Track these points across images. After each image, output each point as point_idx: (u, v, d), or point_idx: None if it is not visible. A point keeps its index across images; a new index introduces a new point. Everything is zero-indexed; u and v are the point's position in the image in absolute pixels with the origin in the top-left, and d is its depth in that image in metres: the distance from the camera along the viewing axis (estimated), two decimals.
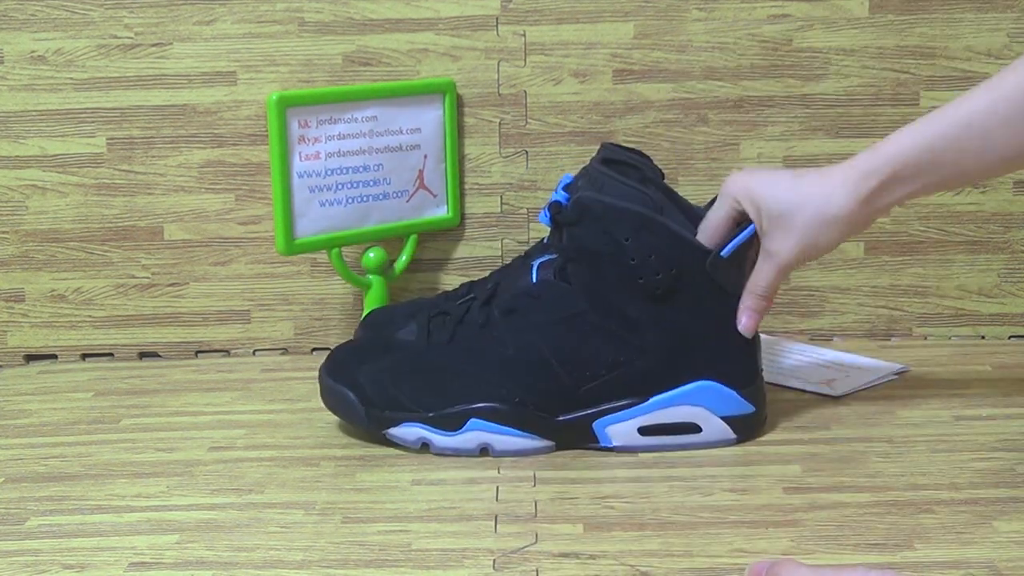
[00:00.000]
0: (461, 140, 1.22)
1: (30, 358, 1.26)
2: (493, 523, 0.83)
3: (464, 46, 1.21)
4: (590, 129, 1.21)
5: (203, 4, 1.20)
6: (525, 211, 1.23)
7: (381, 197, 1.17)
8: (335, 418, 1.04)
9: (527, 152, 1.22)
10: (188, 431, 1.03)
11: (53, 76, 1.21)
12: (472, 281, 1.07)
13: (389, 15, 1.20)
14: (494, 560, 0.77)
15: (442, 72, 1.21)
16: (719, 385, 0.95)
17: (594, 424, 0.95)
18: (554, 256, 0.98)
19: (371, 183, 1.16)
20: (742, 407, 0.96)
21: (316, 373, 1.02)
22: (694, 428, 0.95)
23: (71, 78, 1.21)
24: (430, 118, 1.19)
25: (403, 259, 1.21)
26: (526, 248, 1.22)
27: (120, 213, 1.23)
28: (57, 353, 1.25)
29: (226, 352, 1.25)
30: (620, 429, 0.95)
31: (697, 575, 0.75)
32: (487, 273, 1.24)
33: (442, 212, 1.22)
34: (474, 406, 0.95)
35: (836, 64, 1.20)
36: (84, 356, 1.25)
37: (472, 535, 0.81)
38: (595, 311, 0.95)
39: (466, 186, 1.23)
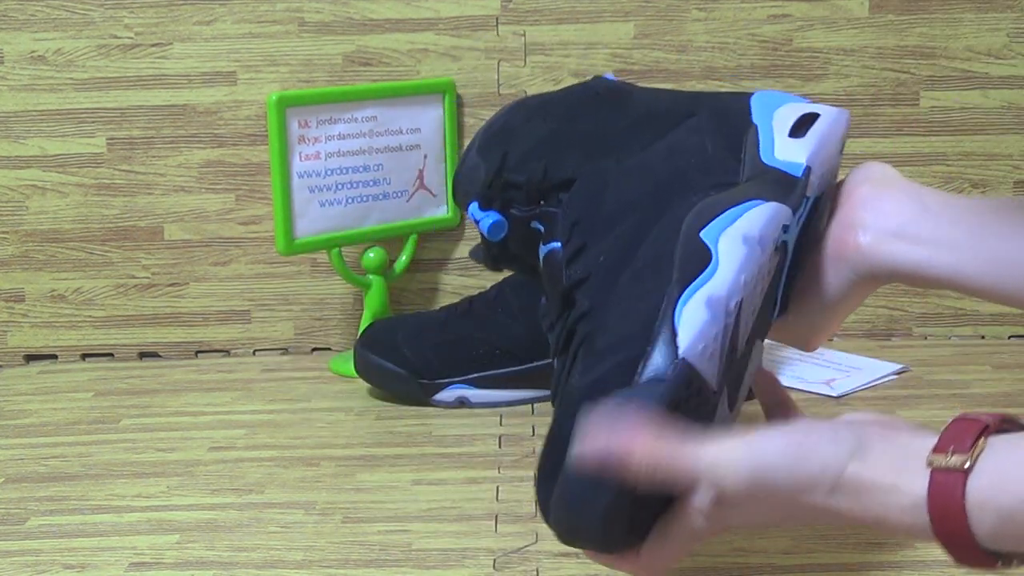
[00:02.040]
0: (461, 140, 1.22)
1: (30, 358, 1.26)
2: (493, 523, 0.83)
3: (464, 46, 1.21)
4: None
5: (203, 4, 1.20)
6: None
7: (381, 197, 1.17)
8: (335, 418, 1.04)
9: None
10: (188, 431, 1.03)
11: (53, 76, 1.21)
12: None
13: (389, 15, 1.20)
14: (494, 560, 0.77)
15: (442, 72, 1.21)
16: None
17: None
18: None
19: (371, 183, 1.16)
20: None
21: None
22: None
23: (71, 78, 1.21)
24: (430, 118, 1.19)
25: (403, 259, 1.21)
26: None
27: (120, 213, 1.23)
28: (57, 353, 1.25)
29: (226, 352, 1.25)
30: None
31: (697, 575, 0.75)
32: (486, 272, 1.25)
33: (442, 212, 1.22)
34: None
35: (836, 64, 1.20)
36: (84, 356, 1.25)
37: (472, 535, 0.81)
38: None
39: None
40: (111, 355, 1.25)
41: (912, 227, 0.70)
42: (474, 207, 0.74)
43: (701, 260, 0.64)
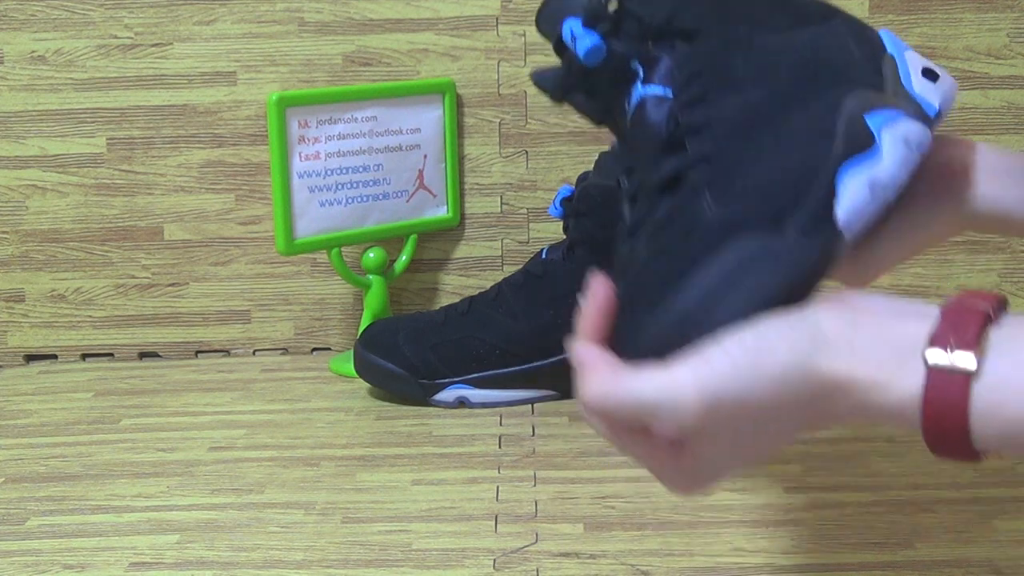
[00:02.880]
0: (461, 140, 1.22)
1: (30, 358, 1.26)
2: (493, 523, 0.83)
3: (464, 46, 1.21)
4: (590, 129, 1.21)
5: (203, 4, 1.20)
6: (525, 211, 1.23)
7: (381, 197, 1.17)
8: (335, 418, 1.04)
9: (527, 152, 1.22)
10: (188, 431, 1.03)
11: (53, 76, 1.21)
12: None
13: (389, 15, 1.20)
14: (494, 560, 0.77)
15: (442, 72, 1.21)
16: None
17: None
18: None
19: (371, 183, 1.16)
20: None
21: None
22: None
23: (71, 78, 1.21)
24: (430, 118, 1.19)
25: (403, 259, 1.21)
26: (526, 248, 1.23)
27: (120, 213, 1.23)
28: (57, 353, 1.25)
29: (226, 352, 1.25)
30: None
31: (697, 575, 0.75)
32: (486, 272, 1.25)
33: (442, 212, 1.22)
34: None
35: None
36: (84, 356, 1.25)
37: (472, 535, 0.81)
38: None
39: (466, 186, 1.23)
40: (111, 355, 1.25)
41: (1015, 171, 0.69)
42: (575, 23, 0.68)
43: (866, 142, 0.61)
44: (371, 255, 1.17)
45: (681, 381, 0.53)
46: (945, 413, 0.50)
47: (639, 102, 0.67)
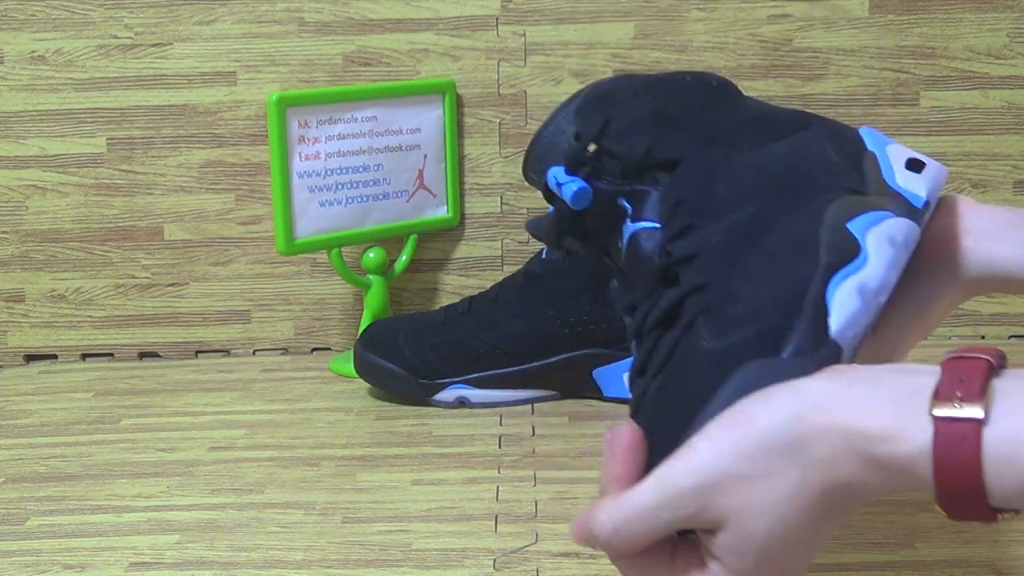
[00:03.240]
0: (461, 140, 1.22)
1: (30, 358, 1.26)
2: (493, 523, 0.83)
3: (464, 46, 1.21)
4: None
5: (203, 4, 1.20)
6: (525, 211, 1.23)
7: (381, 197, 1.17)
8: (335, 418, 1.04)
9: None
10: (188, 431, 1.03)
11: (53, 76, 1.21)
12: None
13: (389, 15, 1.20)
14: (494, 560, 0.77)
15: (442, 72, 1.21)
16: None
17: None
18: None
19: (371, 183, 1.16)
20: None
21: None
22: None
23: (71, 78, 1.21)
24: (430, 118, 1.19)
25: (403, 259, 1.21)
26: (526, 248, 1.23)
27: (120, 213, 1.23)
28: (57, 353, 1.25)
29: (226, 352, 1.25)
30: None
31: None
32: (486, 272, 1.25)
33: (442, 212, 1.22)
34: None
35: (836, 64, 1.20)
36: (84, 356, 1.25)
37: (472, 535, 0.81)
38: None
39: (466, 186, 1.23)
40: (111, 355, 1.25)
41: (1011, 230, 0.69)
42: (558, 171, 0.70)
43: (851, 250, 0.62)
44: (371, 255, 1.17)
45: (673, 473, 0.53)
46: (958, 466, 0.48)
47: (631, 237, 0.69)
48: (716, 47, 1.20)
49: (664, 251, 0.66)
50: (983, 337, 1.22)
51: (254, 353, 1.25)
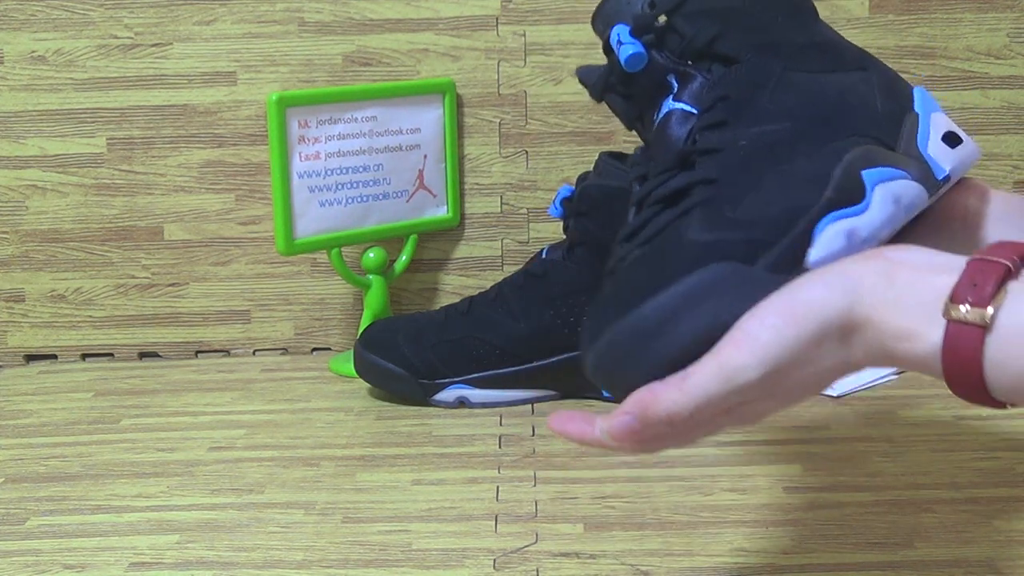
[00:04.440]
0: (461, 140, 1.22)
1: (30, 358, 1.26)
2: (493, 523, 0.83)
3: (464, 46, 1.21)
4: (590, 129, 1.21)
5: (203, 4, 1.20)
6: (525, 211, 1.23)
7: (381, 197, 1.17)
8: (335, 418, 1.04)
9: (527, 152, 1.22)
10: (188, 431, 1.03)
11: (53, 76, 1.21)
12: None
13: (389, 15, 1.20)
14: (494, 560, 0.77)
15: (442, 72, 1.21)
16: None
17: None
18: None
19: (371, 183, 1.16)
20: None
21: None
22: None
23: (71, 78, 1.21)
24: (430, 118, 1.19)
25: (403, 259, 1.21)
26: (526, 248, 1.23)
27: (120, 213, 1.23)
28: (57, 353, 1.25)
29: (226, 352, 1.25)
30: None
31: (697, 575, 0.75)
32: (486, 272, 1.25)
33: (442, 212, 1.22)
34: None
35: None
36: (84, 356, 1.25)
37: (472, 535, 0.81)
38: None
39: (466, 186, 1.23)
40: (111, 355, 1.25)
41: (1021, 218, 0.71)
42: (623, 29, 0.72)
43: (856, 195, 0.64)
44: (371, 255, 1.17)
45: (737, 359, 0.57)
46: (962, 366, 0.53)
47: (666, 114, 0.71)
48: None
49: (692, 137, 0.68)
50: None
51: (254, 353, 1.25)
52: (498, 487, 0.89)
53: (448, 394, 1.06)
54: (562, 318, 1.05)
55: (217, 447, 0.99)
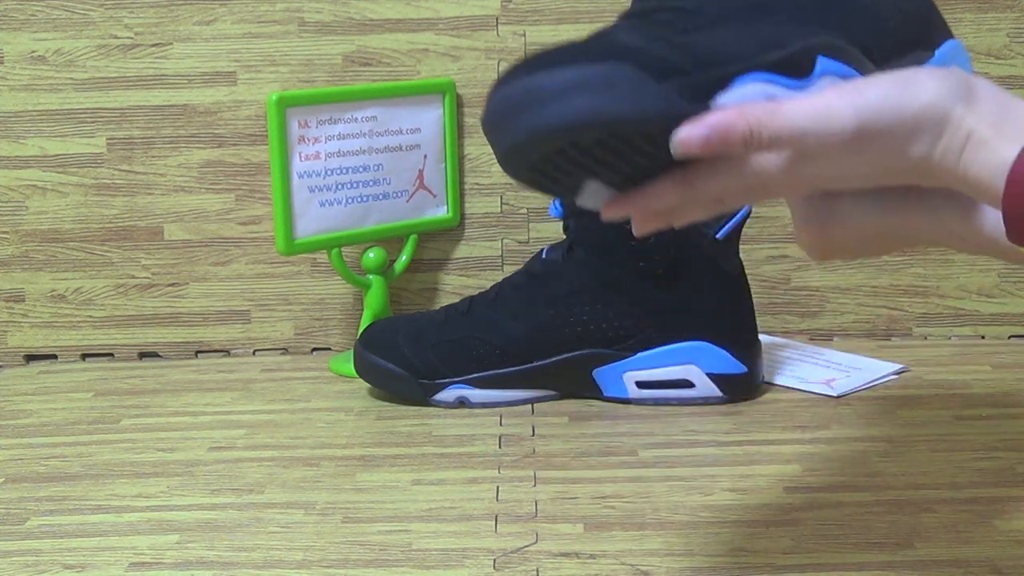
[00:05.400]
0: (461, 140, 1.22)
1: (30, 358, 1.26)
2: (493, 523, 0.83)
3: (464, 46, 1.21)
4: None
5: (203, 4, 1.20)
6: (525, 211, 1.23)
7: (381, 197, 1.17)
8: (335, 418, 1.04)
9: None
10: (188, 431, 1.03)
11: (53, 76, 1.21)
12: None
13: (389, 15, 1.20)
14: (494, 560, 0.77)
15: (442, 72, 1.21)
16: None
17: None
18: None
19: (371, 183, 1.16)
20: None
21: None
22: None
23: (71, 78, 1.21)
24: (430, 118, 1.19)
25: (403, 259, 1.21)
26: (526, 248, 1.23)
27: (120, 213, 1.23)
28: (57, 353, 1.25)
29: (226, 352, 1.25)
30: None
31: (697, 575, 0.75)
32: (486, 272, 1.25)
33: (442, 212, 1.22)
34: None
35: None
36: (84, 356, 1.25)
37: (472, 535, 0.81)
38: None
39: (466, 186, 1.23)
40: (111, 355, 1.25)
41: None
42: None
43: (801, 71, 0.63)
44: (371, 255, 1.17)
45: (837, 105, 0.57)
46: (1018, 189, 0.53)
47: None
48: None
49: None
50: (983, 337, 1.22)
51: (254, 353, 1.25)
52: (498, 487, 0.89)
53: (448, 394, 1.06)
54: (562, 318, 1.05)
55: (217, 447, 0.99)
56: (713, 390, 1.04)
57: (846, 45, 0.66)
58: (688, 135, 0.57)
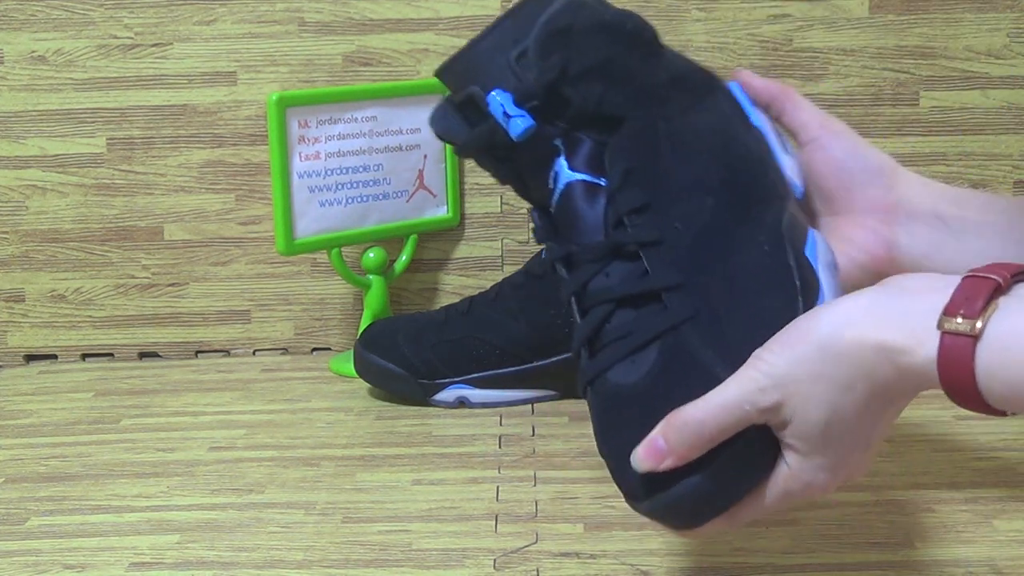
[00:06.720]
0: None
1: (30, 358, 1.26)
2: (493, 523, 0.83)
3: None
4: None
5: (203, 4, 1.20)
6: (525, 211, 1.23)
7: (381, 197, 1.17)
8: (335, 418, 1.04)
9: None
10: (188, 431, 1.03)
11: (53, 76, 1.21)
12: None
13: (389, 15, 1.20)
14: (494, 560, 0.77)
15: None
16: None
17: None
18: None
19: (371, 183, 1.16)
20: None
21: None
22: None
23: (71, 78, 1.21)
24: None
25: (403, 259, 1.21)
26: (526, 248, 1.23)
27: (120, 213, 1.23)
28: (57, 353, 1.25)
29: (226, 352, 1.25)
30: None
31: (697, 575, 0.75)
32: (486, 272, 1.25)
33: (442, 212, 1.22)
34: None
35: (836, 64, 1.20)
36: (84, 356, 1.25)
37: (472, 535, 0.81)
38: None
39: (466, 186, 1.23)
40: (111, 355, 1.25)
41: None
42: (506, 99, 0.69)
43: (815, 285, 0.67)
44: (371, 255, 1.17)
45: (751, 374, 0.61)
46: (957, 375, 0.56)
47: (567, 187, 0.69)
48: (716, 47, 1.20)
49: (618, 220, 0.67)
50: None
51: (254, 353, 1.25)
52: (498, 487, 0.89)
53: (448, 394, 1.06)
54: (562, 318, 1.05)
55: (217, 447, 0.99)
56: None
57: (790, 215, 0.70)
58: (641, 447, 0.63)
